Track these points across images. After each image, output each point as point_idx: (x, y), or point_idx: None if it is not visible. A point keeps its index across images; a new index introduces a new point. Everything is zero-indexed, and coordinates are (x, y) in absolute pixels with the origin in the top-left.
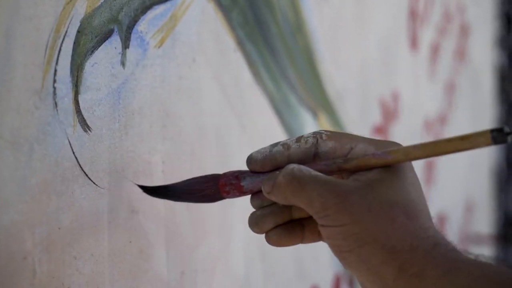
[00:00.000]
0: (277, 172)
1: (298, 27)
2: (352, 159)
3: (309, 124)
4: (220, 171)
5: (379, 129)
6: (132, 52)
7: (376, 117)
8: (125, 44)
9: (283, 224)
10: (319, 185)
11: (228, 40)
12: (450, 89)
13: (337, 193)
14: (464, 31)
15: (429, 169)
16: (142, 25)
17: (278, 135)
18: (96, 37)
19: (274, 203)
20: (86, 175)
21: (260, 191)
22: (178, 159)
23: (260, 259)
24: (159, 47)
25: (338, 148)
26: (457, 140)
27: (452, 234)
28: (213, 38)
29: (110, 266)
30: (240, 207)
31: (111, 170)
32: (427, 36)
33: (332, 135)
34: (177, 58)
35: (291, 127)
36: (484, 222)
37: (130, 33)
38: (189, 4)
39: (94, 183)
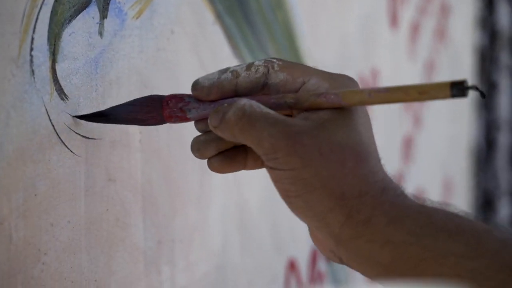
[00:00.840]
0: (225, 104)
1: (278, 2)
2: (303, 101)
3: None
4: None
5: None
6: (110, 22)
7: None
8: (103, 14)
9: (226, 150)
10: (269, 125)
11: (206, 13)
12: (430, 68)
13: (288, 135)
14: (445, 10)
15: (408, 146)
16: None
17: None
18: (73, 6)
19: None
20: (63, 143)
21: (206, 118)
22: (156, 129)
23: (238, 231)
24: (137, 18)
25: (289, 81)
26: (415, 93)
27: None
28: (192, 11)
29: (87, 233)
30: (219, 178)
31: (88, 138)
32: (407, 14)
33: (284, 65)
34: (155, 29)
35: None
36: (462, 200)
37: (108, 3)
38: None
39: (71, 151)
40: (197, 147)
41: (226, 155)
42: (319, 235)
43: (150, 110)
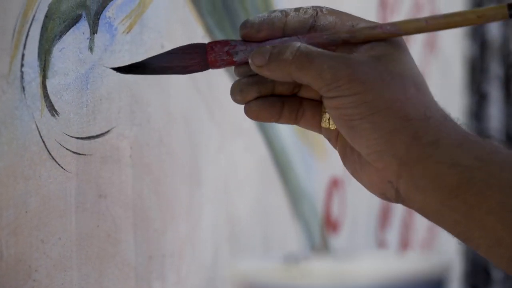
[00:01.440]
0: (267, 46)
1: None
2: (359, 34)
3: None
4: (188, 158)
5: None
6: (100, 38)
7: None
8: (93, 30)
9: (264, 96)
10: (328, 58)
11: (197, 27)
12: None
13: (348, 64)
14: None
15: None
16: (110, 11)
17: (246, 121)
18: (64, 22)
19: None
20: (54, 159)
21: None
22: (146, 145)
23: (228, 243)
24: (127, 33)
25: (338, 23)
26: (473, 17)
27: (421, 224)
28: (182, 25)
29: (78, 250)
30: (208, 191)
31: (78, 154)
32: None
33: (332, 10)
34: (145, 44)
35: None
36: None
37: (98, 19)
38: None
39: (61, 167)
40: (240, 89)
41: (265, 100)
42: (378, 165)
43: (193, 57)
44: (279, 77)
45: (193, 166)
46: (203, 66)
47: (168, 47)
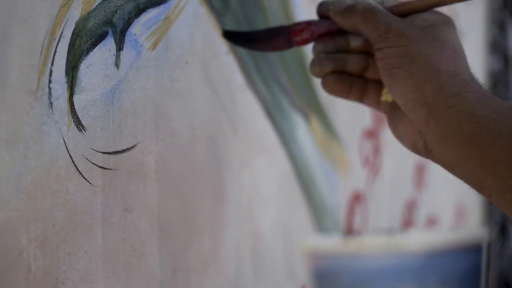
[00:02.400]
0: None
1: None
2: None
3: (301, 127)
4: (212, 173)
5: (370, 133)
6: (126, 54)
7: (367, 121)
8: (119, 46)
9: (342, 73)
10: (387, 16)
11: (220, 43)
12: None
13: (400, 22)
14: None
15: (420, 172)
16: (136, 28)
17: (269, 137)
18: (90, 39)
19: (335, 52)
20: (81, 173)
21: (325, 36)
22: (171, 160)
23: (251, 258)
24: (152, 50)
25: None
26: None
27: None
28: (206, 41)
29: (104, 263)
30: (232, 205)
31: (105, 169)
32: None
33: None
34: (170, 60)
35: (282, 129)
36: (475, 227)
37: (124, 36)
38: (182, 7)
39: (88, 181)
40: (318, 62)
41: (339, 75)
42: (411, 114)
43: (279, 30)
44: (348, 25)
45: (217, 181)
46: (289, 44)
47: (192, 63)
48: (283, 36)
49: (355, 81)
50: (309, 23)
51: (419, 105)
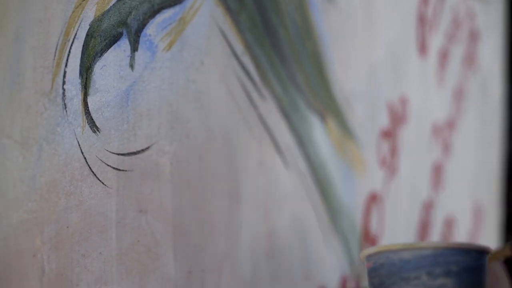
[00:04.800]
0: None
1: (306, 31)
2: None
3: (317, 127)
4: (227, 174)
5: (387, 133)
6: (140, 55)
7: (384, 121)
8: (134, 47)
9: None
10: None
11: (236, 44)
12: (459, 94)
13: None
14: (474, 37)
15: (437, 173)
16: (150, 29)
17: (285, 137)
18: (105, 40)
19: None
20: (95, 175)
21: None
22: (186, 161)
23: (267, 259)
24: (167, 50)
25: None
26: None
27: (460, 238)
28: (221, 42)
29: (118, 264)
30: (247, 206)
31: (119, 170)
32: (436, 41)
33: None
34: (185, 61)
35: (298, 130)
36: (493, 227)
37: (139, 36)
38: (198, 8)
39: (102, 183)
40: None
41: None
42: None
43: None
44: None
45: (233, 182)
46: None
47: (208, 63)
48: None
49: None
50: None
51: None
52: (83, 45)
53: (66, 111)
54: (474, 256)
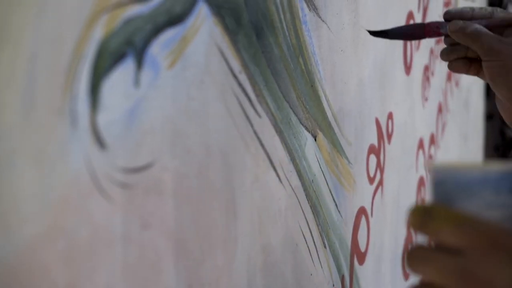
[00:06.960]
0: (460, 21)
1: (300, 50)
2: (498, 16)
3: (309, 143)
4: (225, 190)
5: (374, 149)
6: (145, 74)
7: (372, 138)
8: (139, 66)
9: (461, 58)
10: (489, 37)
11: (233, 62)
12: (442, 110)
13: (500, 41)
14: None
15: (424, 186)
16: (154, 47)
17: (279, 153)
18: (112, 58)
19: (460, 44)
20: (102, 190)
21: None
22: (186, 177)
23: (261, 273)
24: (170, 69)
25: (506, 17)
26: None
27: None
28: (220, 60)
29: (124, 280)
30: (243, 221)
31: (125, 186)
32: (420, 59)
33: (502, 11)
34: (187, 79)
35: (292, 146)
36: None
37: (144, 55)
38: (198, 27)
39: (109, 198)
40: (447, 52)
41: (462, 60)
42: (508, 105)
43: (415, 27)
44: (461, 41)
45: (230, 197)
46: (421, 36)
47: (207, 81)
48: (419, 30)
49: (473, 62)
50: (438, 26)
51: None
52: (92, 64)
53: (76, 128)
54: None
